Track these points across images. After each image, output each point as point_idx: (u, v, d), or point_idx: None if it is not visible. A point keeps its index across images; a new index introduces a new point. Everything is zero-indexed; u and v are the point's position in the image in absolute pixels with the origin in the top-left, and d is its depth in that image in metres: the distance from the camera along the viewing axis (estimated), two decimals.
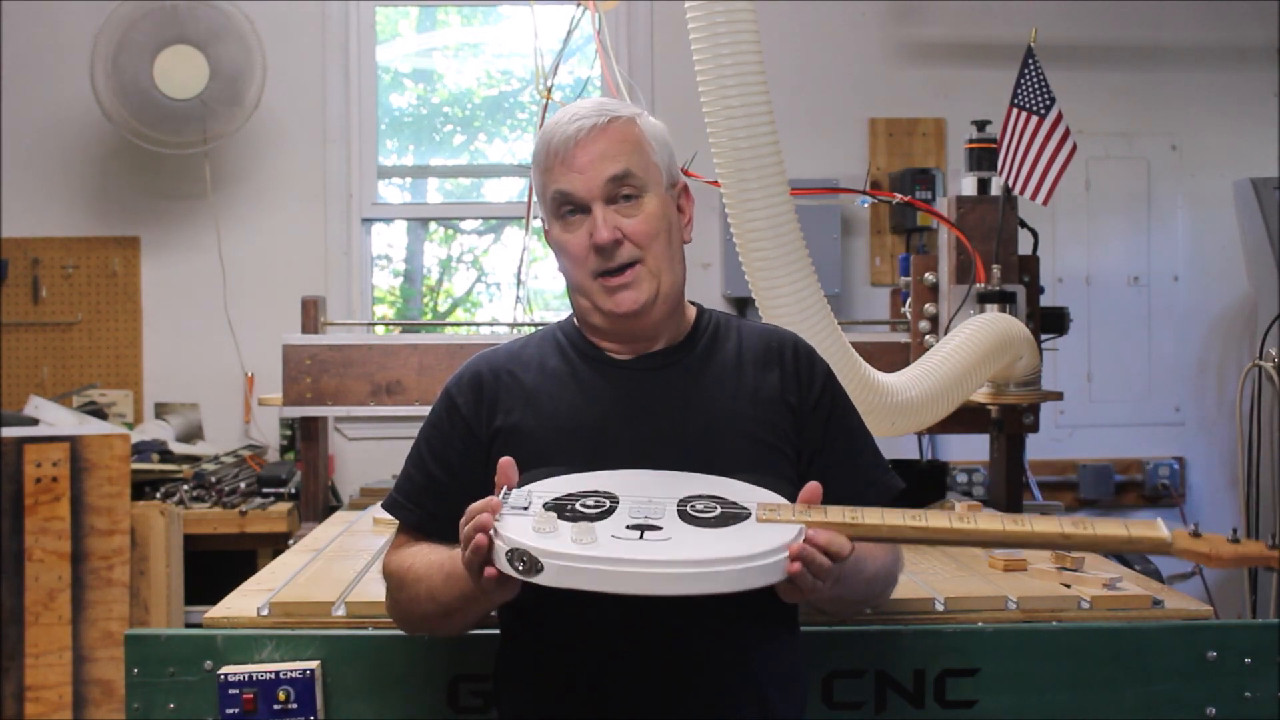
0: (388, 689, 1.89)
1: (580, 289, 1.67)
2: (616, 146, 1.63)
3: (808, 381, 1.72)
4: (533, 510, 1.45)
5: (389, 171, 4.63)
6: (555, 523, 1.42)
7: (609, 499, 1.49)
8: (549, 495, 1.49)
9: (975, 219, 2.89)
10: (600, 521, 1.44)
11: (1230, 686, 1.90)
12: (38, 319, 4.28)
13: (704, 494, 1.51)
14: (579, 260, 1.64)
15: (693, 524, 1.45)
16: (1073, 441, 4.49)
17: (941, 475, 2.70)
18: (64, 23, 4.23)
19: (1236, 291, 4.52)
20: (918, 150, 4.46)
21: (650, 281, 1.64)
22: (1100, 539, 1.45)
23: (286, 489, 3.79)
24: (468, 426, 1.69)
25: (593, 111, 1.64)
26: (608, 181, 1.62)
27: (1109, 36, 4.50)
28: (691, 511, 1.47)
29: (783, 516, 1.46)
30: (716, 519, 1.46)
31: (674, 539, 1.42)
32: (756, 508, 1.47)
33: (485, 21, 4.78)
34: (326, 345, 3.13)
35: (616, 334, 1.69)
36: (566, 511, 1.46)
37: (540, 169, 1.66)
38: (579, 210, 1.63)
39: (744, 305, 4.20)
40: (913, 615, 1.97)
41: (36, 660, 3.41)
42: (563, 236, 1.65)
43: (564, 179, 1.63)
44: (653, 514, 1.46)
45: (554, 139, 1.63)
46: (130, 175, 4.30)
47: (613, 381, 1.68)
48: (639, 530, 1.42)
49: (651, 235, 1.64)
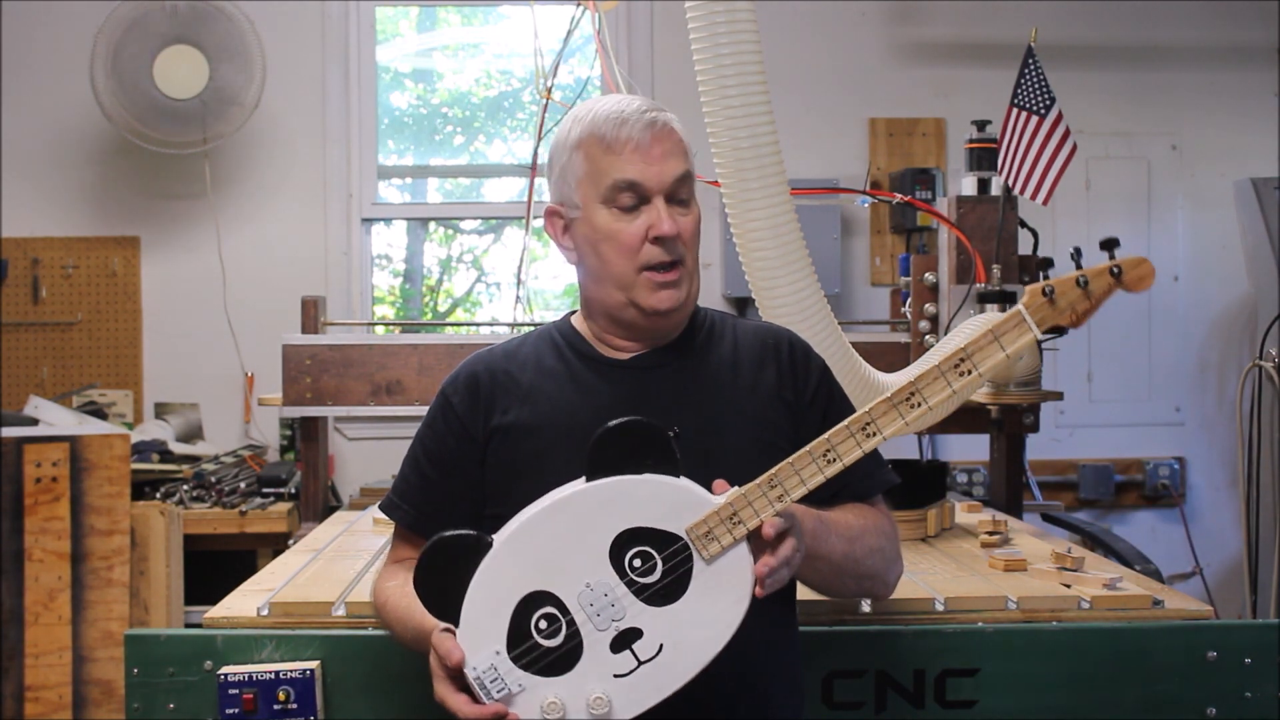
0: (388, 689, 1.89)
1: (620, 281, 1.64)
2: (680, 148, 1.65)
3: (804, 377, 1.73)
4: (511, 683, 1.43)
5: (389, 171, 4.63)
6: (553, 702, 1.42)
7: (554, 606, 1.44)
8: (499, 639, 1.43)
9: (975, 219, 2.89)
10: (583, 659, 1.43)
11: (1230, 686, 1.90)
12: (38, 319, 4.28)
13: (623, 531, 1.44)
14: (630, 251, 1.62)
15: (657, 601, 1.43)
16: (1073, 441, 4.49)
17: (941, 475, 2.70)
18: (64, 23, 4.23)
19: (1236, 291, 4.52)
20: (918, 150, 4.46)
21: (688, 283, 1.67)
22: (985, 372, 1.45)
23: (286, 489, 3.79)
24: (463, 426, 1.69)
25: (655, 109, 1.64)
26: (675, 180, 1.63)
27: (1109, 36, 4.50)
28: (639, 580, 1.44)
29: (722, 540, 1.43)
30: (671, 581, 1.43)
31: (664, 643, 1.43)
32: (689, 539, 1.44)
33: (485, 21, 4.78)
34: (326, 345, 3.13)
35: (640, 331, 1.69)
36: (539, 658, 1.43)
37: (601, 150, 1.62)
38: (641, 202, 1.63)
39: (744, 305, 4.20)
40: (913, 615, 1.96)
41: (36, 660, 3.41)
42: (614, 225, 1.63)
43: (635, 168, 1.61)
44: (612, 612, 1.43)
45: (626, 124, 1.61)
46: (130, 175, 4.30)
47: (610, 380, 1.68)
48: (625, 648, 1.43)
49: (695, 240, 1.67)
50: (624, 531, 1.44)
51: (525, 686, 1.43)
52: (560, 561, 1.45)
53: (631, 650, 1.43)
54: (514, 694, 1.43)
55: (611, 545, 1.44)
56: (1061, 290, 1.45)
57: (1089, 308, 1.45)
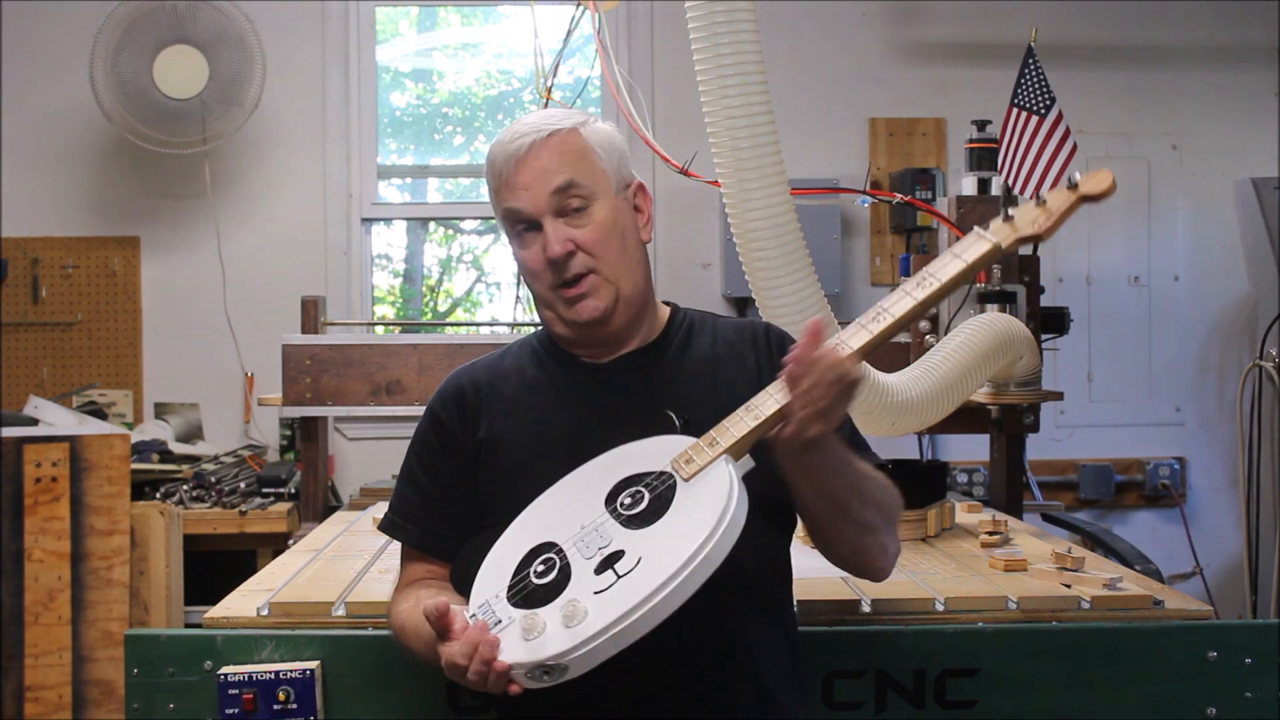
0: (388, 689, 1.89)
1: (543, 301, 1.69)
2: (558, 159, 1.63)
3: (780, 359, 1.72)
4: (503, 615, 1.44)
5: (389, 171, 4.63)
6: (536, 617, 1.41)
7: (552, 551, 1.48)
8: (501, 586, 1.47)
9: (975, 219, 2.88)
10: (569, 585, 1.43)
11: (1230, 686, 1.90)
12: (37, 319, 4.28)
13: (620, 479, 1.51)
14: (537, 274, 1.66)
15: (639, 524, 1.46)
16: (1073, 441, 4.49)
17: (941, 475, 2.70)
18: (64, 23, 4.23)
19: (1236, 291, 4.52)
20: (918, 150, 4.46)
21: (608, 288, 1.64)
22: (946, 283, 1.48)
23: (286, 489, 3.79)
24: (455, 439, 1.70)
25: (532, 128, 1.64)
26: (552, 195, 1.62)
27: (1109, 36, 4.50)
28: (626, 512, 1.47)
29: (699, 460, 1.48)
30: (655, 506, 1.47)
31: (642, 555, 1.42)
32: (671, 468, 1.49)
33: (485, 21, 4.78)
34: (326, 345, 3.13)
35: (582, 342, 1.70)
36: (531, 593, 1.45)
37: (491, 190, 1.68)
38: (532, 227, 1.64)
39: (744, 305, 4.20)
40: (913, 615, 1.96)
41: (36, 660, 3.41)
42: (520, 253, 1.67)
43: (511, 197, 1.64)
44: (599, 540, 1.46)
45: (497, 159, 1.65)
46: (130, 175, 4.30)
47: (588, 386, 1.69)
48: (607, 568, 1.43)
49: (603, 243, 1.64)
50: (621, 480, 1.51)
51: (515, 618, 1.44)
52: (562, 516, 1.51)
53: (613, 569, 1.43)
54: (505, 625, 1.44)
55: (608, 493, 1.51)
56: (1021, 212, 1.50)
57: (1050, 219, 1.47)
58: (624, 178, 1.70)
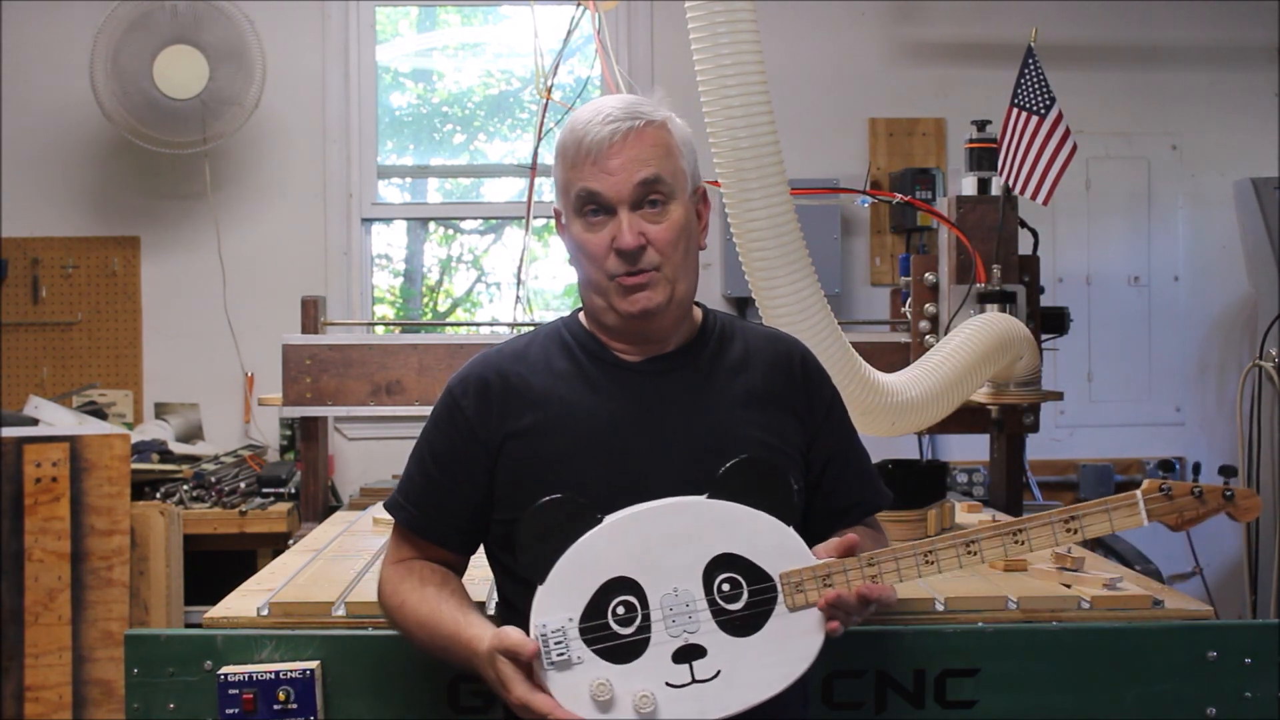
0: (388, 689, 1.89)
1: (596, 287, 1.66)
2: (649, 151, 1.61)
3: (817, 394, 1.74)
4: (573, 653, 1.47)
5: (389, 171, 4.63)
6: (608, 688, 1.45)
7: (635, 595, 1.49)
8: (576, 610, 1.49)
9: (975, 219, 2.89)
10: (645, 656, 1.47)
11: (1230, 686, 1.90)
12: (37, 319, 4.28)
13: (724, 554, 1.51)
14: (597, 260, 1.63)
15: (730, 630, 1.49)
16: (1073, 441, 4.49)
17: (941, 475, 2.70)
18: (64, 23, 4.23)
19: (1236, 291, 4.52)
20: (918, 150, 4.46)
21: (666, 287, 1.63)
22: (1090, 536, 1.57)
23: (286, 489, 3.79)
24: (472, 430, 1.68)
25: (626, 114, 1.61)
26: (638, 186, 1.60)
27: (1109, 36, 4.50)
28: (722, 602, 1.50)
29: (809, 595, 1.51)
30: (750, 615, 1.50)
31: (722, 669, 1.47)
32: (780, 584, 1.51)
33: (485, 21, 4.78)
34: (326, 345, 3.13)
35: (627, 334, 1.68)
36: (605, 640, 1.48)
37: (567, 164, 1.64)
38: (603, 211, 1.61)
39: (744, 305, 4.20)
40: (913, 615, 1.96)
41: (36, 660, 3.41)
42: (583, 235, 1.63)
43: (594, 179, 1.60)
44: (688, 623, 1.49)
45: (586, 137, 1.60)
46: (130, 175, 4.30)
47: (623, 384, 1.68)
48: (685, 661, 1.47)
49: (674, 243, 1.63)
50: (723, 554, 1.51)
51: (583, 660, 1.47)
52: (656, 559, 1.51)
53: (690, 666, 1.47)
54: (571, 663, 1.47)
55: (708, 563, 1.51)
56: (1178, 492, 1.56)
57: (1196, 515, 1.56)
58: (696, 180, 1.69)
